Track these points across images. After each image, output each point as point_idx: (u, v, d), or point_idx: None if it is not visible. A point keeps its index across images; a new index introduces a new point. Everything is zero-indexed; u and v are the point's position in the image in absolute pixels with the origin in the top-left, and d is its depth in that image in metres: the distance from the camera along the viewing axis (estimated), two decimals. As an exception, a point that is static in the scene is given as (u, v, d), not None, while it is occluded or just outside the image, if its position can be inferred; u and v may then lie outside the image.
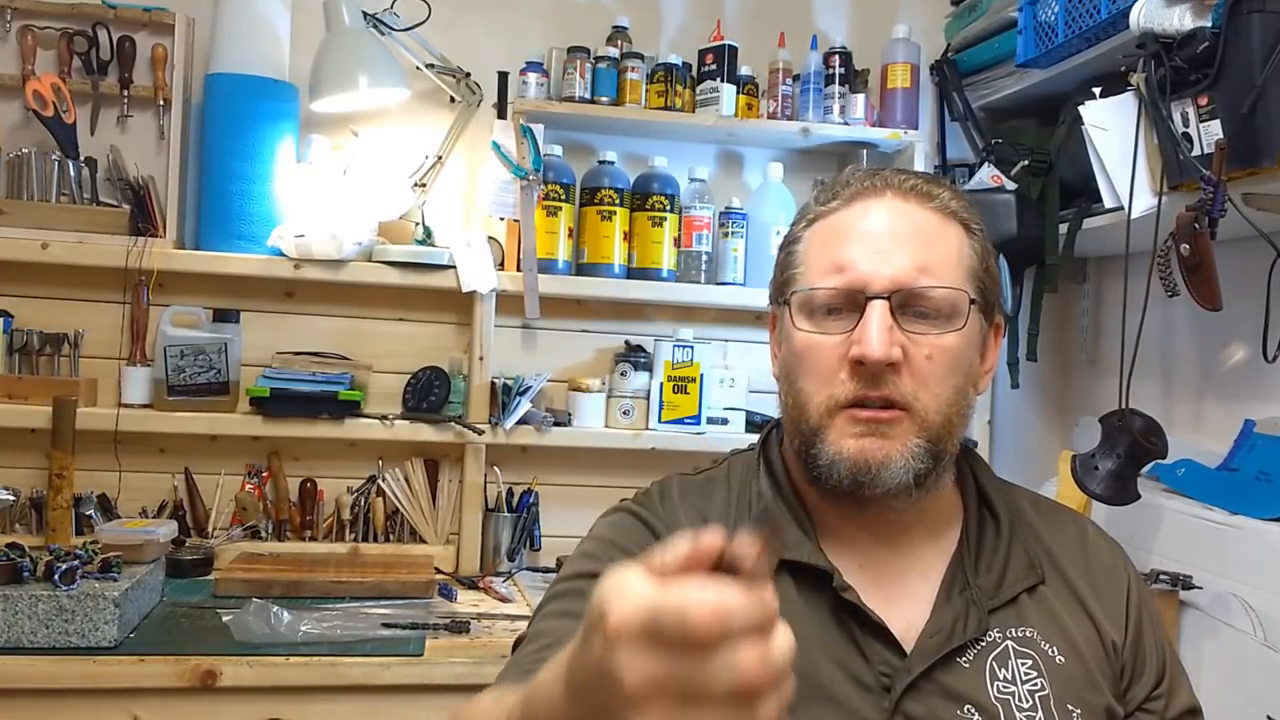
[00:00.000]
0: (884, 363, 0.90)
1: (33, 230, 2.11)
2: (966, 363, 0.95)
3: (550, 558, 2.30)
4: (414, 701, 1.71)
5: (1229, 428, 1.87)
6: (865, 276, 0.92)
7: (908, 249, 0.93)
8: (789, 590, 0.95)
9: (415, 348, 2.34)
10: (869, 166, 1.02)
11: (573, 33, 2.36)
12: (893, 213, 0.95)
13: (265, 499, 2.27)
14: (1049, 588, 0.99)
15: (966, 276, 0.95)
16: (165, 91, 2.21)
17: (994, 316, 1.01)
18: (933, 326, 0.93)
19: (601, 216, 2.31)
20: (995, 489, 1.04)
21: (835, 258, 0.94)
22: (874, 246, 0.93)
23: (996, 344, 1.03)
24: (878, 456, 0.91)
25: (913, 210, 0.96)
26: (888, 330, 0.90)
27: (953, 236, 0.96)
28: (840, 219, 0.97)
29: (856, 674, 0.91)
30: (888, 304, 0.91)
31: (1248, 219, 1.56)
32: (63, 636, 1.62)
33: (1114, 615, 0.99)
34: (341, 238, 2.16)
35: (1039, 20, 2.01)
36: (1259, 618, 1.60)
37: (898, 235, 0.94)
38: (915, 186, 0.97)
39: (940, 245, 0.95)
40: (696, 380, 2.34)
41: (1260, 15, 1.48)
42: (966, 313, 0.94)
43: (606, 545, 0.99)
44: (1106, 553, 1.04)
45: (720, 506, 1.02)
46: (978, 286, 0.96)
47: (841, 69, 2.36)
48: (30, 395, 2.10)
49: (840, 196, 0.98)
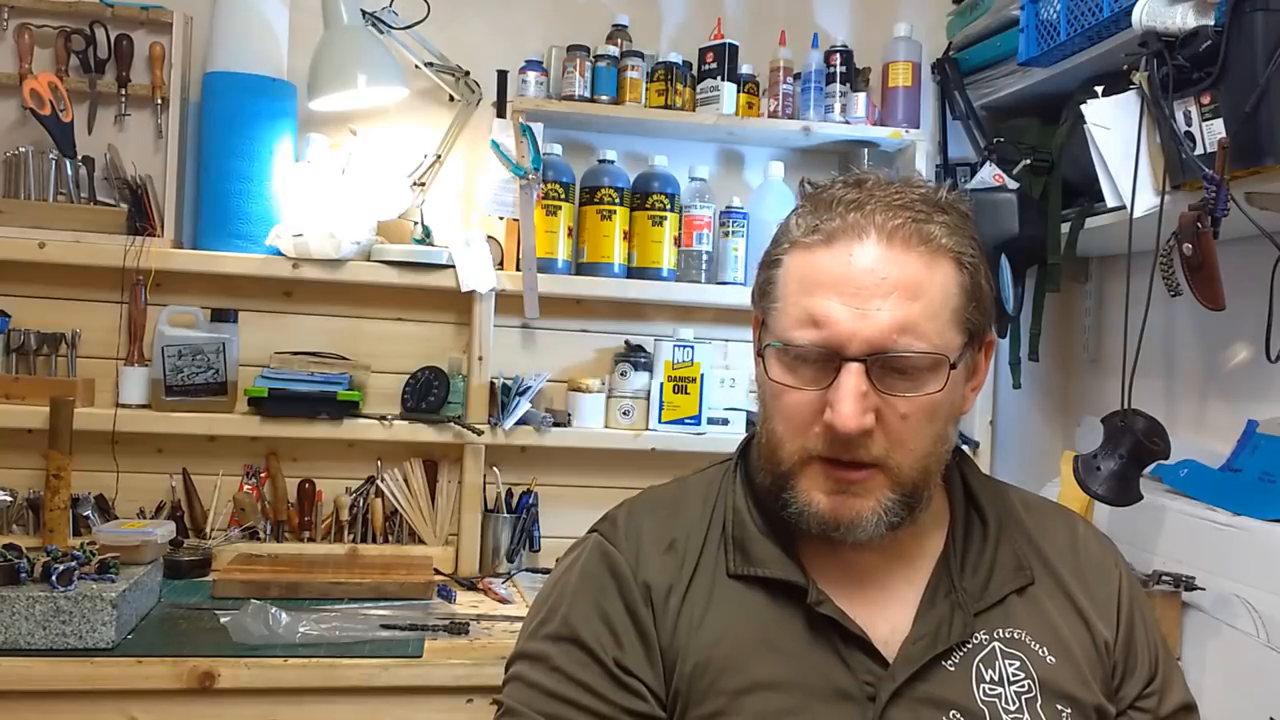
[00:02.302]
0: (856, 434, 0.88)
1: (30, 230, 2.10)
2: (947, 409, 0.93)
3: (550, 559, 2.29)
4: (413, 703, 1.71)
5: (1232, 428, 1.86)
6: (841, 337, 0.88)
7: (888, 305, 0.88)
8: (765, 605, 0.95)
9: (414, 348, 2.34)
10: (861, 173, 0.96)
11: (572, 31, 2.35)
12: (875, 261, 0.89)
13: (263, 500, 2.26)
14: (1039, 587, 0.98)
15: (952, 321, 0.91)
16: (163, 90, 2.21)
17: (985, 338, 0.97)
18: (911, 386, 0.89)
19: (601, 216, 2.31)
20: (983, 489, 1.03)
21: (812, 309, 0.90)
22: (852, 300, 0.88)
23: (987, 360, 1.00)
24: (848, 516, 0.91)
25: (897, 257, 0.89)
26: (861, 398, 0.87)
27: (939, 279, 0.91)
28: (820, 261, 0.91)
29: (839, 685, 0.91)
30: (864, 367, 0.88)
31: (1251, 218, 1.56)
32: (60, 638, 1.62)
33: (1105, 613, 0.99)
34: (340, 237, 2.15)
35: (1041, 19, 2.00)
36: (1262, 619, 1.59)
37: (879, 287, 0.88)
38: (901, 227, 0.90)
39: (925, 295, 0.90)
40: (697, 380, 2.34)
41: (1264, 14, 1.47)
42: (947, 374, 0.90)
43: (581, 602, 0.96)
44: (1097, 550, 1.04)
45: (690, 521, 1.01)
46: (965, 326, 0.92)
47: (843, 67, 2.36)
48: (27, 395, 2.09)
49: (821, 230, 0.92)
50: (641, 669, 0.93)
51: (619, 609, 0.95)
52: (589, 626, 0.95)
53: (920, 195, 0.93)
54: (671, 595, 0.96)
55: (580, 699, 0.92)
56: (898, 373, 0.89)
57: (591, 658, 0.93)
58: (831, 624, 0.92)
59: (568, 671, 0.93)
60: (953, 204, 0.95)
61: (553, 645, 0.95)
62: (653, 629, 0.94)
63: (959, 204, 0.96)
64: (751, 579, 0.96)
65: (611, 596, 0.96)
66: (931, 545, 0.99)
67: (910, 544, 0.98)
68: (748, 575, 0.96)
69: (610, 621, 0.95)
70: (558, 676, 0.93)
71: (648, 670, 0.93)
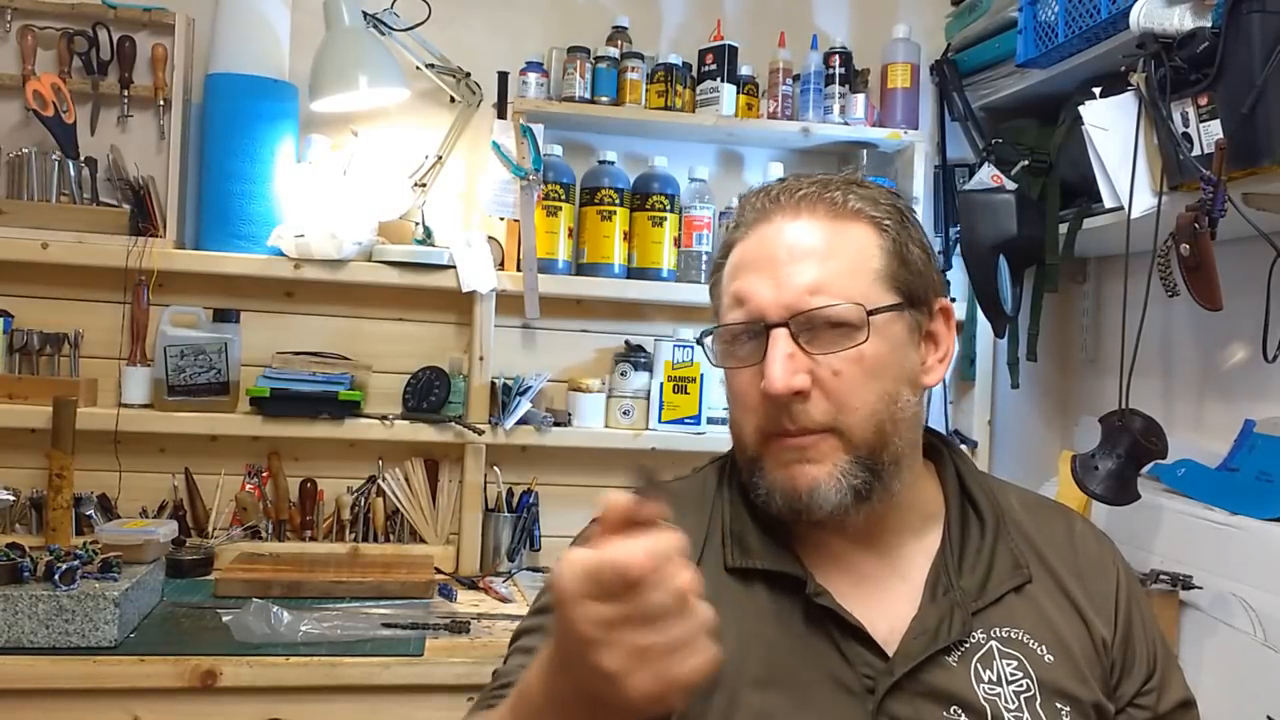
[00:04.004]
0: (787, 394, 0.90)
1: (33, 230, 2.11)
2: (893, 366, 0.94)
3: (550, 558, 2.30)
4: (414, 702, 1.71)
5: (1229, 428, 1.87)
6: (762, 307, 0.93)
7: (798, 269, 0.92)
8: (764, 598, 0.95)
9: (415, 348, 2.34)
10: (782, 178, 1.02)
11: (573, 32, 2.36)
12: (783, 234, 0.94)
13: (265, 499, 2.27)
14: (1036, 586, 0.98)
15: (875, 279, 0.93)
16: (165, 91, 2.21)
17: (931, 302, 0.99)
18: (835, 343, 0.91)
19: (601, 216, 2.31)
20: (979, 486, 1.03)
21: (738, 291, 0.95)
22: (768, 274, 0.93)
23: (949, 328, 1.01)
24: (805, 483, 0.92)
25: (803, 226, 0.94)
26: (788, 359, 0.90)
27: (852, 241, 0.94)
28: (742, 250, 0.97)
29: (838, 676, 0.91)
30: (787, 330, 0.91)
31: (1248, 219, 1.56)
32: (63, 636, 1.62)
33: (1103, 611, 0.99)
34: (341, 238, 2.16)
35: (1039, 20, 2.01)
36: (1259, 618, 1.60)
37: (791, 256, 0.93)
38: (804, 196, 0.95)
39: (836, 256, 0.93)
40: (696, 380, 2.34)
41: (1260, 15, 1.48)
42: (866, 324, 0.91)
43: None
44: (1095, 548, 1.04)
45: (689, 517, 1.00)
46: (893, 284, 0.94)
47: (842, 69, 2.36)
48: (30, 395, 2.10)
49: (742, 224, 0.98)
50: None
51: None
52: None
53: (839, 178, 0.98)
54: None
55: None
56: (825, 332, 0.91)
57: None
58: (830, 617, 0.93)
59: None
60: (874, 185, 0.99)
61: (548, 618, 0.96)
62: None
63: (883, 189, 1.00)
64: (750, 573, 0.96)
65: None
66: (927, 543, 0.99)
67: (906, 539, 0.99)
68: (746, 569, 0.96)
69: None
70: (540, 636, 0.96)
71: None
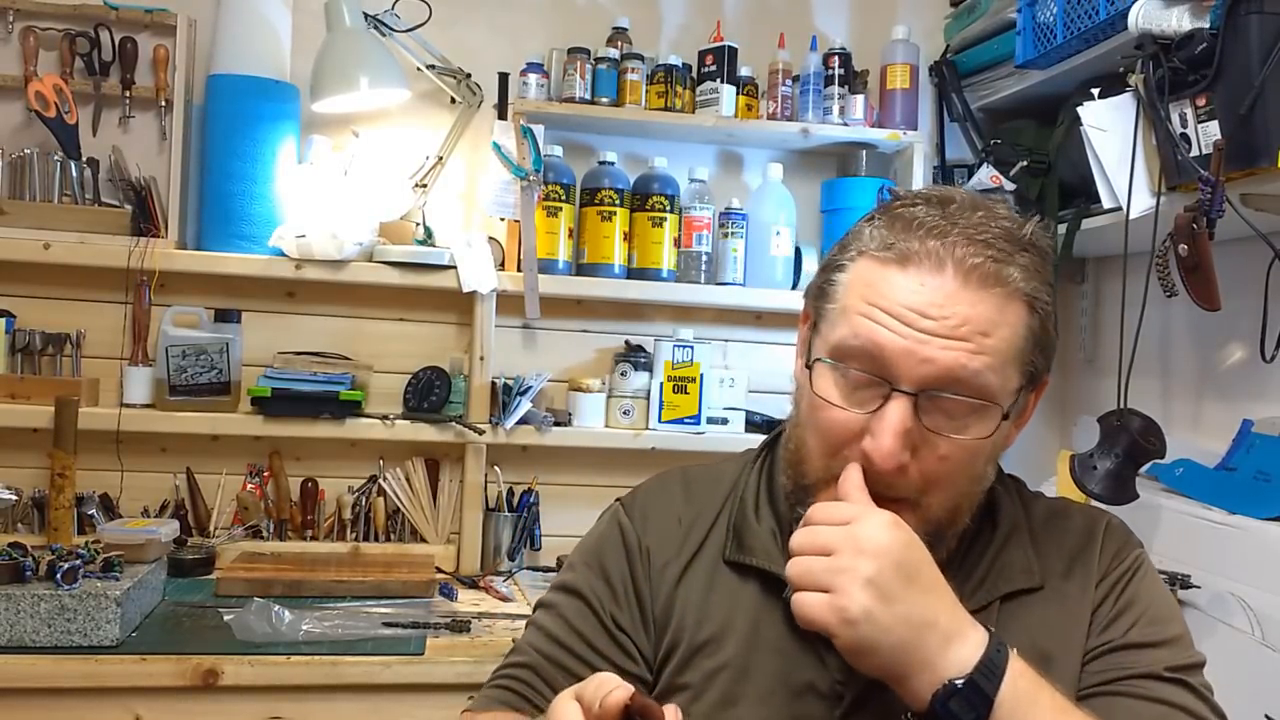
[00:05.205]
0: (892, 470, 0.85)
1: (35, 230, 2.11)
2: (990, 451, 0.90)
3: (550, 557, 2.30)
4: (415, 701, 1.72)
5: (1227, 427, 1.87)
6: (898, 367, 0.85)
7: (952, 344, 0.84)
8: (755, 594, 0.96)
9: (416, 348, 2.35)
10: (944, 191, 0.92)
11: (573, 33, 2.36)
12: (947, 296, 0.85)
13: (266, 498, 2.27)
14: (1033, 595, 0.94)
15: (1013, 364, 0.87)
16: (167, 92, 2.22)
17: (1041, 380, 0.93)
18: (957, 427, 0.86)
19: (601, 217, 2.32)
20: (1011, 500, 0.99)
21: (872, 331, 0.86)
22: (916, 331, 0.85)
23: (1037, 399, 0.95)
24: None
25: (971, 296, 0.85)
26: (903, 435, 0.84)
27: (1009, 324, 0.87)
28: (890, 279, 0.87)
29: (811, 681, 0.92)
30: (913, 401, 0.85)
31: (1246, 219, 1.57)
32: (64, 636, 1.63)
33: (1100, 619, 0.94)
34: (342, 238, 2.17)
35: (1038, 21, 2.01)
36: (1257, 617, 1.60)
37: (946, 323, 0.84)
38: (980, 266, 0.85)
39: (991, 339, 0.85)
40: (696, 380, 2.35)
41: (1259, 16, 1.48)
42: (997, 423, 0.86)
43: (591, 560, 1.04)
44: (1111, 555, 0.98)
45: (704, 504, 1.04)
46: (1024, 368, 0.89)
47: (841, 70, 2.37)
48: (32, 395, 2.10)
49: (896, 249, 0.87)
50: (635, 631, 0.98)
51: (622, 571, 1.01)
52: (593, 583, 1.01)
53: (1004, 230, 0.88)
54: (669, 567, 1.00)
55: (576, 646, 0.99)
56: (945, 412, 0.86)
57: (591, 611, 1.00)
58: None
59: (570, 620, 1.00)
60: (1034, 242, 0.90)
61: (562, 595, 1.03)
62: (648, 595, 0.99)
63: (1041, 240, 0.91)
64: (745, 567, 0.98)
65: (617, 559, 1.01)
66: (937, 552, 0.93)
67: None
68: (740, 563, 0.98)
69: (611, 581, 1.00)
70: (561, 623, 1.00)
71: (640, 633, 0.99)
